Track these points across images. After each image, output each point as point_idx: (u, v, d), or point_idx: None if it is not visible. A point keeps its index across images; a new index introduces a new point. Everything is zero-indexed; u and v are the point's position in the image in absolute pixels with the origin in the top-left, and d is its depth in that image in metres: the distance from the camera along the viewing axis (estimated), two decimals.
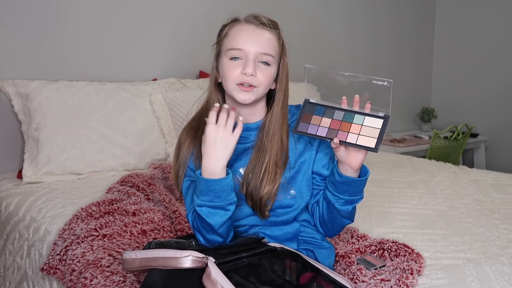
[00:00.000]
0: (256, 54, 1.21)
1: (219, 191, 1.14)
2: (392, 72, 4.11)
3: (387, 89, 1.11)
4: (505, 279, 1.31)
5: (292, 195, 1.27)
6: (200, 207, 1.16)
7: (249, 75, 1.20)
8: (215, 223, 1.16)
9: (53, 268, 1.51)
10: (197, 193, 1.17)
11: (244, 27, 1.23)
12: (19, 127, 2.33)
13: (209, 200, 1.15)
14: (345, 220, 1.28)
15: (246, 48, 1.21)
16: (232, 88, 1.22)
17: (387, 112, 1.17)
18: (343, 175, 1.20)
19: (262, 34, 1.23)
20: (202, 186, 1.15)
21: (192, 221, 1.23)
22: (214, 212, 1.16)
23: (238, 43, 1.21)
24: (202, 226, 1.19)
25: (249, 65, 1.20)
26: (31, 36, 2.38)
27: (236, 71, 1.21)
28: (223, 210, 1.16)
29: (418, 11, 4.27)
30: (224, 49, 1.24)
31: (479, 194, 2.11)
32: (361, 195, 1.24)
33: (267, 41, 1.22)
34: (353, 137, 1.16)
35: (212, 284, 1.01)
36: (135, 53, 2.72)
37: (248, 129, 1.28)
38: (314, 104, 1.23)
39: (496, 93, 4.09)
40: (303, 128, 1.21)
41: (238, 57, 1.21)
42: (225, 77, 1.23)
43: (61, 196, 1.94)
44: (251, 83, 1.21)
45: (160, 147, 2.41)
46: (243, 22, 1.24)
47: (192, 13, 2.89)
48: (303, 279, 1.15)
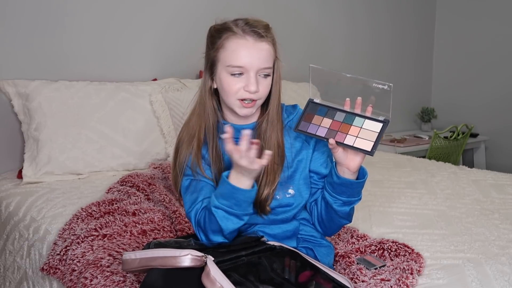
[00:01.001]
0: (258, 69, 1.20)
1: (240, 200, 1.15)
2: (392, 72, 4.11)
3: (387, 93, 1.12)
4: (505, 279, 1.31)
5: (291, 194, 1.27)
6: (217, 208, 1.16)
7: (252, 92, 1.19)
8: (226, 228, 1.17)
9: (53, 268, 1.51)
10: (216, 194, 1.16)
11: (242, 42, 1.19)
12: (19, 127, 2.33)
13: (228, 205, 1.15)
14: (342, 220, 1.28)
15: (248, 65, 1.18)
16: (233, 103, 1.22)
17: (387, 116, 1.17)
18: (341, 177, 1.20)
19: (261, 48, 1.20)
20: (226, 191, 1.14)
21: (197, 219, 1.22)
22: (228, 218, 1.16)
23: (240, 60, 1.18)
24: (210, 227, 1.18)
25: (252, 83, 1.18)
26: (31, 36, 2.38)
27: (237, 86, 1.20)
28: (237, 218, 1.17)
29: (419, 11, 4.27)
30: (223, 63, 1.20)
31: (479, 194, 2.11)
32: (359, 197, 1.25)
33: (266, 54, 1.20)
34: (351, 139, 1.17)
35: (211, 282, 1.02)
36: (135, 53, 2.72)
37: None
38: (317, 104, 1.24)
39: (496, 93, 4.09)
40: (304, 127, 1.22)
41: (239, 73, 1.20)
42: (225, 92, 1.21)
43: (61, 196, 1.94)
44: (254, 99, 1.21)
45: (160, 147, 2.41)
46: (240, 33, 1.19)
47: (192, 13, 2.89)
48: (302, 278, 1.15)
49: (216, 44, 1.22)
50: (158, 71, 2.79)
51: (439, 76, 4.45)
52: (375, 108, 1.19)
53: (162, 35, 2.81)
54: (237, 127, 1.28)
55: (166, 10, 2.81)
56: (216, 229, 1.18)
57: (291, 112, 1.33)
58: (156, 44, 2.79)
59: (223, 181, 1.15)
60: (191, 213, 1.24)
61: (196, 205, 1.23)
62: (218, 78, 1.23)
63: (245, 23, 1.21)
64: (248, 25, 1.20)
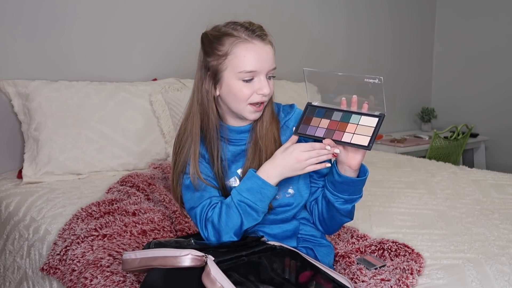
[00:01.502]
0: (268, 71, 1.22)
1: (266, 196, 1.18)
2: (392, 72, 4.11)
3: (379, 87, 1.13)
4: (505, 279, 1.31)
5: (290, 194, 1.28)
6: (241, 202, 1.18)
7: (266, 95, 1.22)
8: (248, 223, 1.19)
9: (53, 268, 1.51)
10: (241, 189, 1.18)
11: (250, 47, 1.19)
12: (19, 127, 2.33)
13: (253, 200, 1.17)
14: (344, 218, 1.29)
15: (260, 69, 1.20)
16: (243, 109, 1.23)
17: (383, 111, 1.18)
18: (342, 175, 1.21)
19: (268, 51, 1.22)
20: (254, 185, 1.17)
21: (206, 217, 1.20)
22: (250, 213, 1.18)
23: (252, 65, 1.19)
24: (227, 223, 1.18)
25: (265, 86, 1.21)
26: (31, 36, 2.38)
27: (249, 92, 1.21)
28: (256, 214, 1.19)
29: (419, 11, 4.27)
30: (233, 70, 1.20)
31: (479, 194, 2.11)
32: (361, 194, 1.25)
33: (272, 56, 1.24)
34: (348, 136, 1.18)
35: (211, 282, 1.02)
36: (135, 53, 2.72)
37: (241, 132, 1.30)
38: (316, 106, 1.27)
39: (496, 93, 4.09)
40: (303, 130, 1.24)
41: (250, 78, 1.21)
42: (236, 98, 1.22)
43: (61, 196, 1.94)
44: (265, 101, 1.24)
45: (160, 147, 2.41)
46: (245, 38, 1.20)
47: (192, 13, 2.89)
48: (302, 278, 1.15)
49: (220, 51, 1.21)
50: (158, 71, 2.79)
51: (439, 76, 4.45)
52: (371, 104, 1.20)
53: (162, 35, 2.81)
54: (235, 129, 1.29)
55: (166, 10, 2.81)
56: (234, 225, 1.18)
57: (288, 112, 1.34)
58: (156, 44, 2.79)
59: (251, 176, 1.18)
60: (195, 210, 1.23)
61: (203, 202, 1.22)
62: (226, 85, 1.22)
63: (245, 28, 1.21)
64: (249, 30, 1.21)
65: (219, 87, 1.24)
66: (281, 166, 1.18)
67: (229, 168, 1.28)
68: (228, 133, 1.29)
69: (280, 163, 1.18)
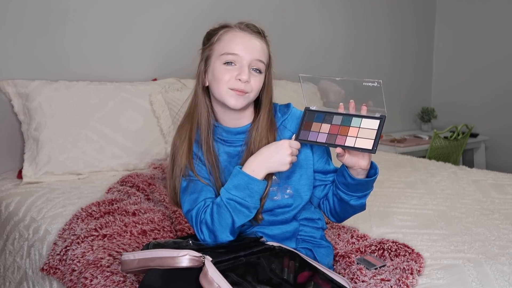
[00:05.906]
0: (251, 60, 1.23)
1: (254, 192, 1.18)
2: (392, 72, 4.11)
3: (378, 90, 1.13)
4: (505, 279, 1.31)
5: (289, 195, 1.27)
6: (229, 200, 1.18)
7: (244, 82, 1.21)
8: (239, 220, 1.18)
9: (53, 268, 1.51)
10: (228, 187, 1.19)
11: (239, 33, 1.24)
12: (19, 127, 2.34)
13: (241, 197, 1.18)
14: (357, 210, 1.30)
15: (242, 54, 1.22)
16: (224, 93, 1.23)
17: (383, 112, 1.18)
18: (356, 179, 1.21)
19: (255, 42, 1.25)
20: (241, 182, 1.18)
21: (200, 219, 1.21)
22: (240, 210, 1.18)
23: (234, 48, 1.22)
24: (220, 223, 1.18)
25: (244, 72, 1.22)
26: (31, 36, 2.38)
27: (229, 75, 1.22)
28: (248, 210, 1.19)
29: (419, 11, 4.27)
30: (217, 54, 1.24)
31: (479, 194, 2.11)
32: (372, 188, 1.28)
33: (260, 49, 1.25)
34: (351, 140, 1.17)
35: (208, 283, 1.02)
36: (135, 53, 2.72)
37: (238, 133, 1.30)
38: (314, 111, 1.26)
39: (496, 93, 4.09)
40: (304, 136, 1.23)
41: (232, 62, 1.22)
42: (217, 81, 1.23)
43: (61, 196, 1.94)
44: (245, 90, 1.22)
45: (160, 147, 2.41)
46: (237, 28, 1.26)
47: (192, 13, 2.89)
48: (300, 278, 1.15)
49: (212, 40, 1.26)
50: (158, 71, 2.79)
51: (439, 76, 4.45)
52: (371, 107, 1.20)
53: (162, 35, 2.81)
54: (231, 130, 1.29)
55: (166, 10, 2.81)
56: (227, 224, 1.18)
57: (284, 112, 1.34)
58: (156, 44, 2.79)
59: (237, 172, 1.19)
60: (191, 212, 1.23)
61: (198, 204, 1.22)
62: (211, 70, 1.25)
63: (241, 23, 1.27)
64: (243, 24, 1.26)
65: (208, 74, 1.27)
66: (266, 159, 1.18)
67: (225, 169, 1.28)
68: (224, 134, 1.29)
69: (264, 156, 1.19)
